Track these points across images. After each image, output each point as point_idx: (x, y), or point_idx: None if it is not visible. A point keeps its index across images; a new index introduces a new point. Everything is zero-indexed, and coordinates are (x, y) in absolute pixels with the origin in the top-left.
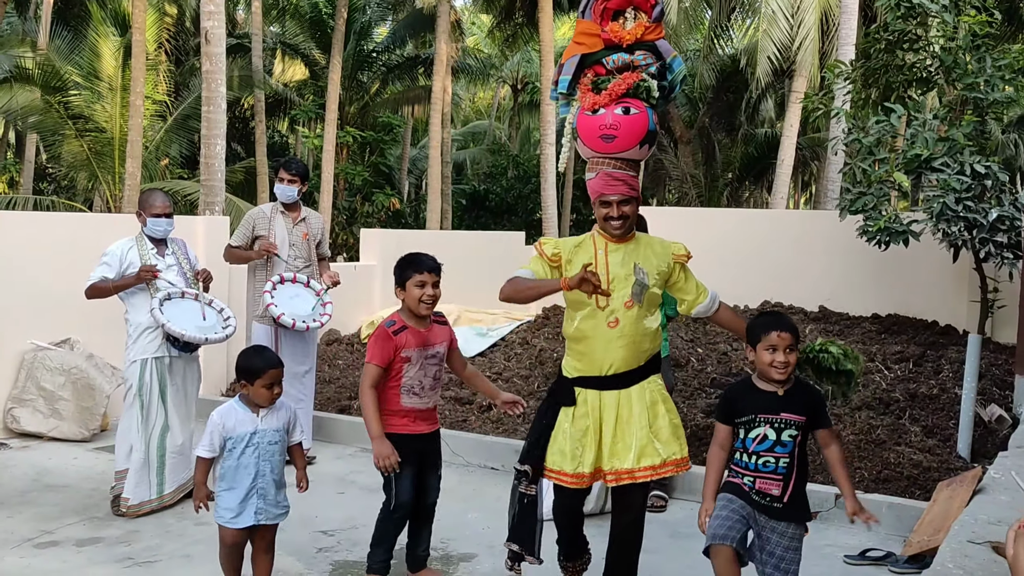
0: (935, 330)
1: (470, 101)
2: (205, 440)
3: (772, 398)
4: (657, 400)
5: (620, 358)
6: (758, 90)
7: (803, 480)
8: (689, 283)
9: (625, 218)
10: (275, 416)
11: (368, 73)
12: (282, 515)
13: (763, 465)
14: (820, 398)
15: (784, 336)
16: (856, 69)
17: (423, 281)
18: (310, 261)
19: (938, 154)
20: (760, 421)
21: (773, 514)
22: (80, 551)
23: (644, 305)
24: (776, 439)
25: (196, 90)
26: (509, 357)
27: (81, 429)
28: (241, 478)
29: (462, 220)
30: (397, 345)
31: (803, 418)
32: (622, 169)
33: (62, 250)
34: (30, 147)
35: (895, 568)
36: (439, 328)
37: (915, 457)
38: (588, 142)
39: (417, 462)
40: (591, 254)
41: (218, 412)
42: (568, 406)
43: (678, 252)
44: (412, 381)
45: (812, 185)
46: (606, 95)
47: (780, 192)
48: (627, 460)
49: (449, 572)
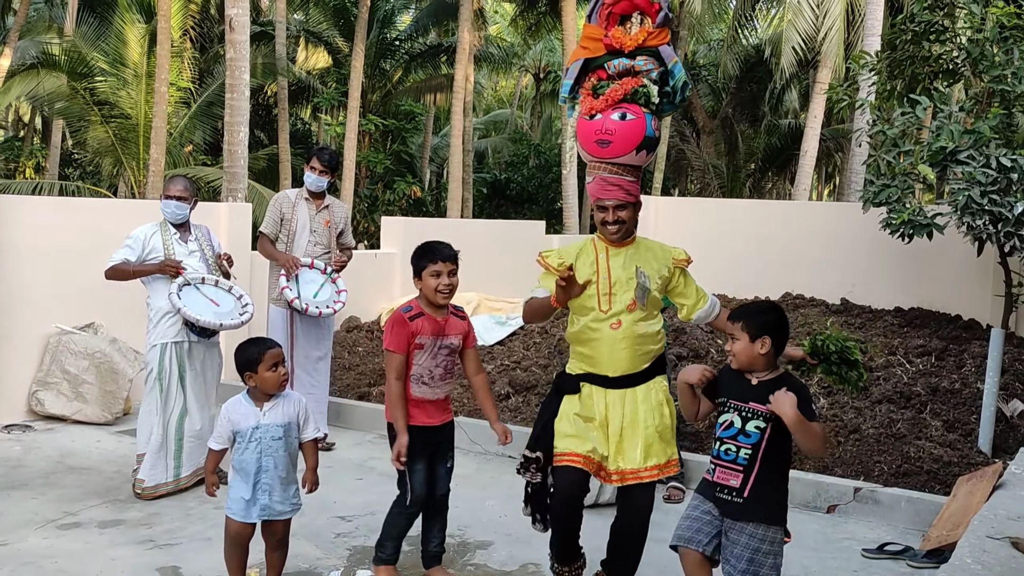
0: (958, 324)
1: (492, 90)
2: (215, 432)
3: (745, 386)
4: (663, 401)
5: (625, 359)
6: (782, 80)
7: (771, 478)
8: (689, 288)
9: (621, 223)
10: (280, 411)
11: (391, 61)
12: (290, 512)
13: (724, 452)
14: (803, 391)
15: (727, 324)
16: (881, 60)
17: (439, 271)
18: (330, 248)
19: (963, 147)
20: (729, 407)
21: (733, 512)
22: (102, 533)
23: (647, 307)
24: (740, 428)
25: (220, 77)
26: (528, 346)
27: (104, 412)
28: (246, 472)
29: (483, 209)
30: (412, 331)
31: (772, 410)
32: (618, 174)
33: (87, 235)
34: (56, 133)
35: (913, 562)
36: (456, 321)
37: (935, 451)
38: (585, 146)
39: (428, 455)
40: (592, 260)
41: (226, 405)
42: (572, 394)
43: (678, 257)
44: (422, 369)
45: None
46: (602, 100)
47: (803, 183)
48: (633, 460)
49: (466, 559)
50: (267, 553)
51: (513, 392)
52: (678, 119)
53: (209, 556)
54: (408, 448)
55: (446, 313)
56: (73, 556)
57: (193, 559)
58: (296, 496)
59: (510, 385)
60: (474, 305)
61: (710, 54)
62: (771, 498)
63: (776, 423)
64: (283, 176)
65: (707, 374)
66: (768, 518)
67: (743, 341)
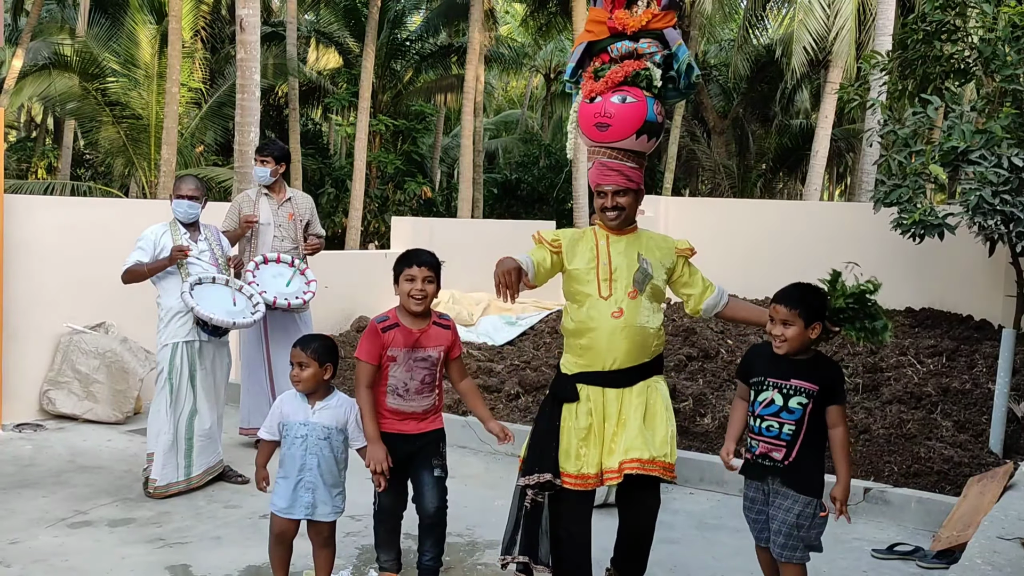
0: (969, 324)
1: (503, 90)
2: (266, 422)
3: (784, 364)
4: (658, 401)
5: (624, 351)
6: (793, 80)
7: (813, 453)
8: (694, 277)
9: (620, 209)
10: (331, 412)
11: (401, 61)
12: (332, 514)
13: (767, 429)
14: (838, 372)
15: (778, 309)
16: (893, 60)
17: (412, 276)
18: (297, 242)
19: (975, 146)
20: (769, 385)
21: (774, 475)
22: (112, 531)
23: (648, 297)
24: (783, 405)
25: (231, 77)
26: (538, 346)
27: (115, 412)
28: (290, 467)
29: (493, 209)
30: (384, 343)
31: (815, 387)
32: (618, 159)
33: (98, 235)
34: (68, 133)
35: (923, 563)
36: (438, 331)
37: (946, 452)
38: (584, 130)
39: (402, 464)
40: (592, 245)
41: (280, 397)
42: (571, 402)
43: (681, 246)
44: (396, 382)
45: (847, 177)
46: (602, 83)
47: (814, 184)
48: (633, 451)
49: (475, 559)
50: (314, 552)
51: (523, 392)
52: (688, 119)
53: (219, 555)
54: None
55: (425, 323)
56: (83, 554)
57: (203, 558)
58: (339, 499)
59: (520, 385)
60: (484, 305)
61: (721, 54)
62: (814, 467)
63: (818, 399)
64: (294, 176)
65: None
66: (809, 488)
67: (798, 327)
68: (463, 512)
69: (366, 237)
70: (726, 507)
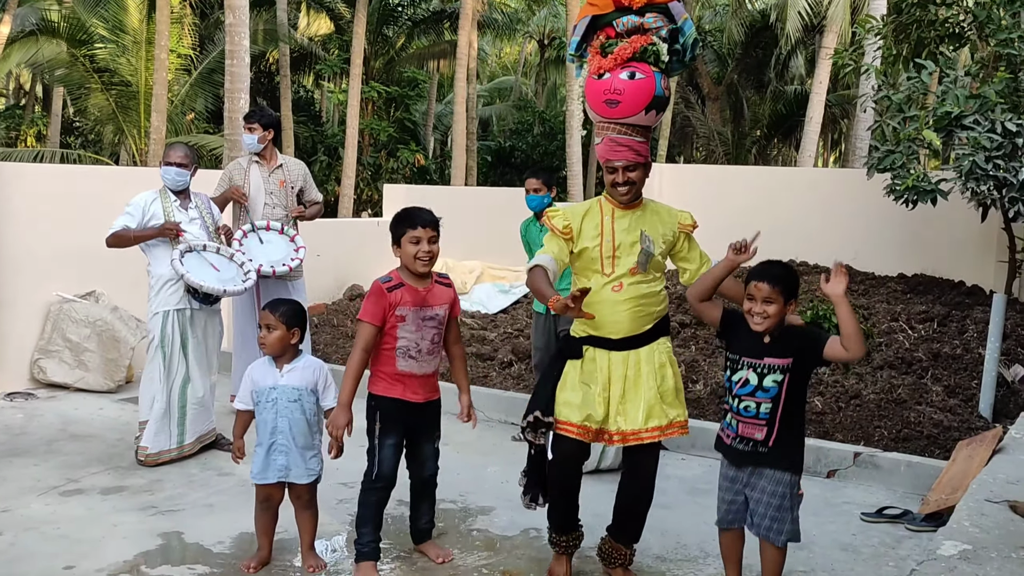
0: (961, 290)
1: (496, 57)
2: (239, 393)
3: (758, 341)
4: (665, 363)
5: (626, 321)
6: (788, 46)
7: (793, 428)
8: (693, 252)
9: (631, 184)
10: (298, 374)
11: (393, 27)
12: (307, 477)
13: (744, 409)
14: (811, 332)
15: (760, 287)
16: (887, 24)
17: (418, 237)
18: (289, 209)
19: (969, 111)
20: (743, 364)
21: (760, 460)
22: (105, 499)
23: (649, 271)
24: (758, 384)
25: (221, 44)
26: (531, 314)
27: (106, 380)
28: (263, 432)
29: (487, 176)
30: (391, 302)
31: (788, 360)
32: (627, 135)
33: (87, 203)
34: (57, 101)
35: (912, 526)
36: (441, 289)
37: (936, 416)
38: (593, 106)
39: (404, 432)
40: (597, 222)
41: (251, 365)
42: (576, 359)
43: (684, 222)
44: (408, 343)
45: (841, 143)
46: (611, 59)
47: (808, 150)
48: (635, 421)
49: (467, 524)
50: (296, 516)
51: (516, 359)
52: (683, 86)
53: (211, 522)
54: (382, 420)
55: (429, 282)
56: (75, 522)
57: (195, 525)
58: (314, 462)
59: (513, 353)
60: (477, 273)
61: (715, 19)
62: (794, 445)
63: (793, 375)
64: (286, 144)
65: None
66: (792, 466)
67: (779, 304)
68: (456, 479)
69: (359, 205)
70: (717, 473)
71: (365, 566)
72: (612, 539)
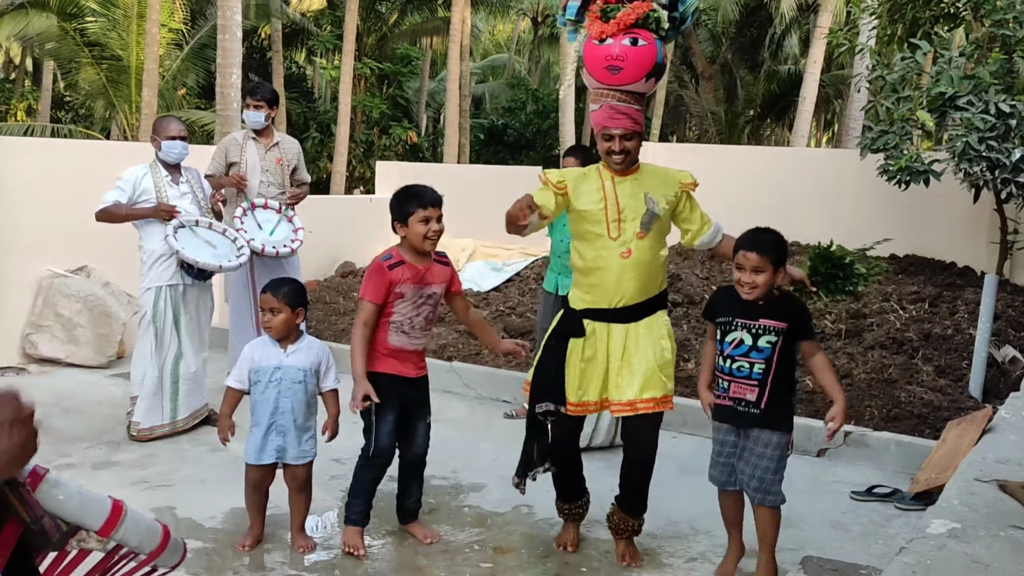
0: (953, 271)
1: (489, 34)
2: (235, 371)
3: (752, 303)
4: (664, 335)
5: (632, 289)
6: (782, 25)
7: (784, 389)
8: (694, 213)
9: (627, 153)
10: (303, 355)
11: (386, 3)
12: (302, 458)
13: (737, 370)
14: (804, 309)
15: (749, 256)
16: (882, 4)
17: (428, 216)
18: (284, 187)
19: (963, 92)
20: (737, 325)
21: (753, 422)
22: (96, 474)
23: (655, 234)
24: (752, 344)
25: (213, 18)
26: (523, 292)
27: (98, 355)
28: (261, 413)
29: (480, 154)
30: (392, 280)
31: (784, 324)
32: (626, 102)
33: (78, 178)
34: (47, 75)
35: (901, 505)
36: (439, 268)
37: (926, 396)
38: (593, 73)
39: (399, 408)
40: (598, 186)
41: (250, 344)
42: (577, 337)
43: (685, 180)
44: (402, 318)
45: (835, 124)
46: (614, 24)
47: (801, 130)
48: (630, 391)
49: (459, 501)
50: (290, 497)
51: (508, 337)
52: (677, 65)
53: (204, 497)
54: (380, 396)
55: (429, 260)
56: None
57: (188, 500)
58: (310, 443)
59: (505, 331)
60: (469, 252)
61: None
62: (785, 405)
63: (787, 336)
64: (278, 120)
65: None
66: (783, 425)
67: (768, 273)
68: (447, 456)
69: (351, 182)
70: (708, 451)
71: (352, 530)
72: (619, 509)
